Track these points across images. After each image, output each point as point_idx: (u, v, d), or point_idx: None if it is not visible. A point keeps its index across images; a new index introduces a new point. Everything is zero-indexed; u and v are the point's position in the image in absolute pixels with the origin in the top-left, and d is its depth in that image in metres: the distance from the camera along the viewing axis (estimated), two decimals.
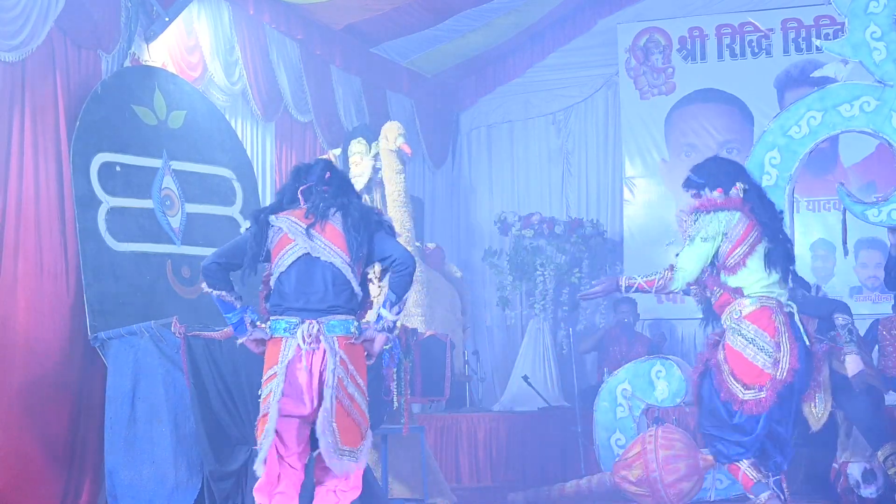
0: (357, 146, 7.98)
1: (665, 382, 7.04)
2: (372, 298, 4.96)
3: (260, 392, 4.79)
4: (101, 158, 6.52)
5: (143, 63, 6.95)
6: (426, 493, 6.70)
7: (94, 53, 6.61)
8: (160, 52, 7.07)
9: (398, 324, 5.20)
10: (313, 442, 4.81)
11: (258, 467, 4.74)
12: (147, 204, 6.81)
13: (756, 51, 10.06)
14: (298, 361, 4.74)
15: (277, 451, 4.78)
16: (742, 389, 5.27)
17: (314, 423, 4.75)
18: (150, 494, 5.96)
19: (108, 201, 6.50)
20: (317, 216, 4.81)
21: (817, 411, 6.28)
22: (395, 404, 6.44)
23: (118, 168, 6.63)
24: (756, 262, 5.34)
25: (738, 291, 5.30)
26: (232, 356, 6.01)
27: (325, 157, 7.87)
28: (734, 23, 10.12)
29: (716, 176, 5.46)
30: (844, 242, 7.29)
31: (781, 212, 5.67)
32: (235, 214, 7.47)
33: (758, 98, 9.94)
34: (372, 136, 8.05)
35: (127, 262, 6.55)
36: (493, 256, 10.26)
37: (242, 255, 4.92)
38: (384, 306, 4.80)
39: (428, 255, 8.77)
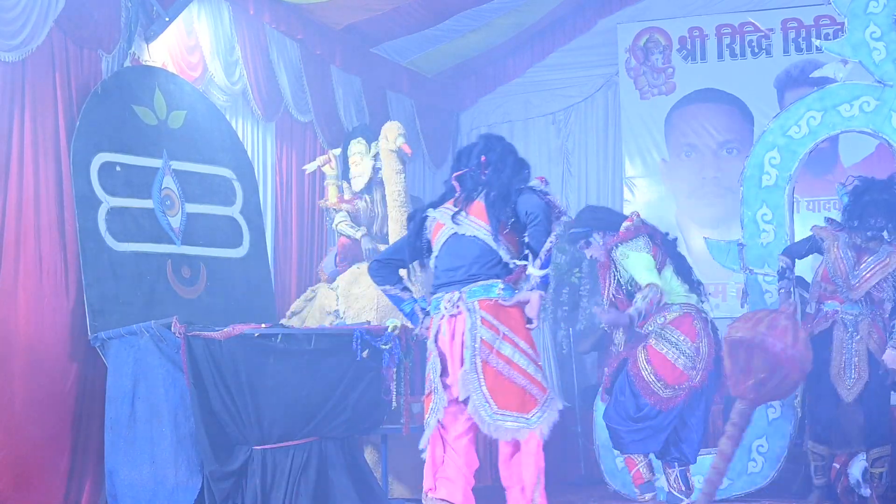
0: (357, 146, 7.98)
1: None
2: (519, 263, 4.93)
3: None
4: (101, 158, 6.52)
5: (144, 63, 6.95)
6: None
7: (94, 53, 6.61)
8: (160, 52, 7.08)
9: (550, 285, 5.18)
10: None
11: (423, 445, 4.84)
12: (147, 204, 6.81)
13: (756, 51, 10.06)
14: (441, 333, 4.84)
15: (441, 435, 4.82)
16: (662, 388, 5.82)
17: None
18: (150, 494, 5.96)
19: (108, 201, 6.50)
20: (464, 200, 4.96)
21: (849, 383, 6.35)
22: (395, 404, 6.45)
23: (118, 168, 6.63)
24: (670, 274, 5.98)
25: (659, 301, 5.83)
26: (232, 356, 6.02)
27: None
28: (734, 23, 10.12)
29: (597, 220, 6.15)
30: None
31: (668, 233, 6.24)
32: (235, 214, 7.47)
33: (758, 98, 9.93)
34: (372, 135, 8.05)
35: (127, 262, 6.55)
36: None
37: (403, 251, 5.12)
38: (529, 263, 4.82)
39: None
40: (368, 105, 9.37)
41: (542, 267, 4.77)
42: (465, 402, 4.80)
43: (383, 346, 6.43)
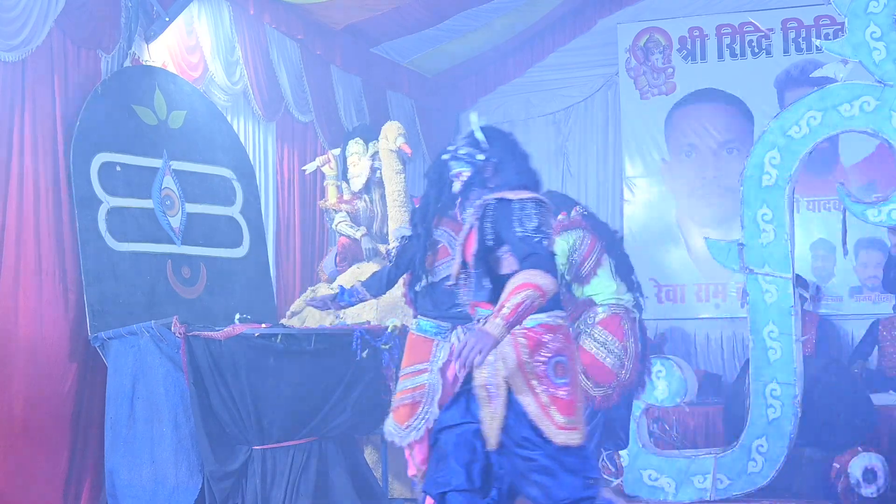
0: (354, 146, 7.98)
1: (665, 382, 7.02)
2: None
3: (397, 384, 5.05)
4: (101, 158, 6.52)
5: (144, 63, 6.95)
6: None
7: (94, 53, 6.61)
8: (160, 52, 7.08)
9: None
10: None
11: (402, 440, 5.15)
12: (147, 204, 6.81)
13: (756, 51, 10.05)
14: (449, 363, 5.09)
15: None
16: (593, 387, 5.99)
17: None
18: (150, 494, 5.96)
19: (108, 201, 6.50)
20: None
21: None
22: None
23: (118, 168, 6.63)
24: (605, 273, 6.12)
25: (589, 301, 6.07)
26: (232, 356, 6.02)
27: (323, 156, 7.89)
28: (734, 23, 10.11)
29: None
30: (844, 242, 7.29)
31: (617, 231, 6.49)
32: (235, 214, 7.47)
33: (758, 98, 9.93)
34: (370, 135, 8.05)
35: (127, 262, 6.55)
36: None
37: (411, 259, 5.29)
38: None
39: None
40: (368, 105, 9.37)
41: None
42: None
43: (383, 346, 6.43)
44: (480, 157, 4.19)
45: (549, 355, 3.97)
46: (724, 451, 6.85)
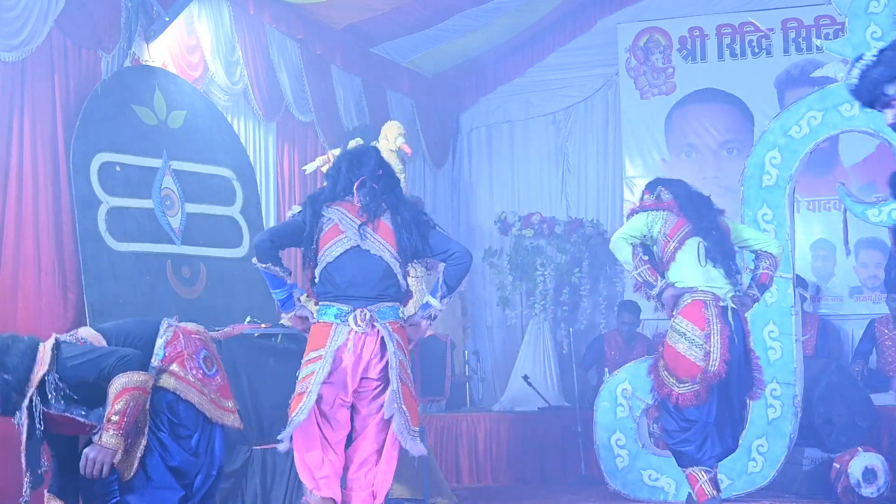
0: (354, 146, 7.98)
1: None
2: (411, 290, 5.12)
3: (298, 373, 4.89)
4: (101, 158, 6.52)
5: (144, 63, 6.94)
6: (426, 493, 6.70)
7: (94, 53, 6.61)
8: (160, 52, 7.07)
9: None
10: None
11: (284, 443, 4.90)
12: (147, 204, 6.81)
13: (756, 51, 10.06)
14: (345, 347, 4.84)
15: (324, 435, 4.91)
16: (676, 384, 5.58)
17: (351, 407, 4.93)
18: None
19: (108, 201, 6.50)
20: (370, 215, 4.92)
21: None
22: None
23: (118, 168, 6.63)
24: (686, 258, 5.69)
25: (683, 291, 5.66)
26: (232, 356, 6.01)
27: (323, 156, 7.88)
28: (734, 23, 10.12)
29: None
30: (845, 242, 7.31)
31: (717, 210, 5.96)
32: (235, 214, 7.47)
33: (758, 98, 9.93)
34: (370, 135, 8.05)
35: (127, 262, 6.55)
36: (493, 256, 10.25)
37: (296, 236, 5.03)
38: (433, 295, 4.99)
39: None
40: (368, 105, 9.37)
41: (445, 302, 5.00)
42: (377, 417, 4.92)
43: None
44: None
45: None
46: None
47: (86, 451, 4.23)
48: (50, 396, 4.22)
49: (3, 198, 5.93)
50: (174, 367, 4.48)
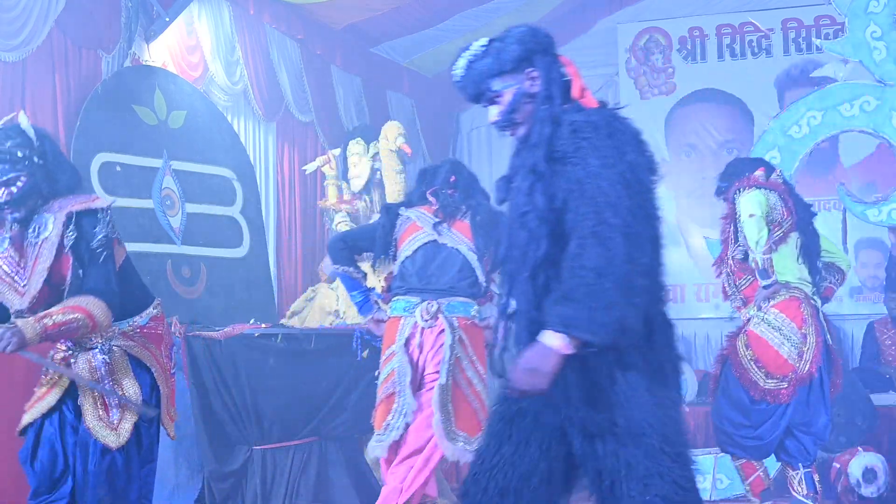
0: (355, 146, 7.98)
1: None
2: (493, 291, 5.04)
3: (377, 373, 4.88)
4: (101, 158, 6.52)
5: (144, 63, 6.95)
6: None
7: (94, 53, 6.61)
8: (161, 52, 7.07)
9: None
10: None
11: (382, 449, 4.87)
12: (147, 204, 6.81)
13: (756, 51, 10.06)
14: (413, 340, 4.85)
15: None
16: (764, 377, 5.29)
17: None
18: None
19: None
20: (446, 215, 4.99)
21: None
22: None
23: (118, 168, 6.63)
24: (787, 252, 5.36)
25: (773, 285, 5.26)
26: (232, 356, 6.02)
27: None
28: (734, 23, 10.12)
29: (738, 172, 5.53)
30: (844, 242, 7.30)
31: (811, 205, 5.67)
32: (235, 214, 7.47)
33: (758, 98, 9.93)
34: (370, 136, 8.05)
35: None
36: None
37: (369, 240, 5.08)
38: None
39: None
40: (368, 105, 9.37)
41: None
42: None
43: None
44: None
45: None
46: (724, 452, 6.84)
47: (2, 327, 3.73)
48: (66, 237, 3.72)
49: None
50: (156, 349, 4.05)
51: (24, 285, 3.82)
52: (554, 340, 2.61)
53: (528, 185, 2.79)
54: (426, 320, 4.84)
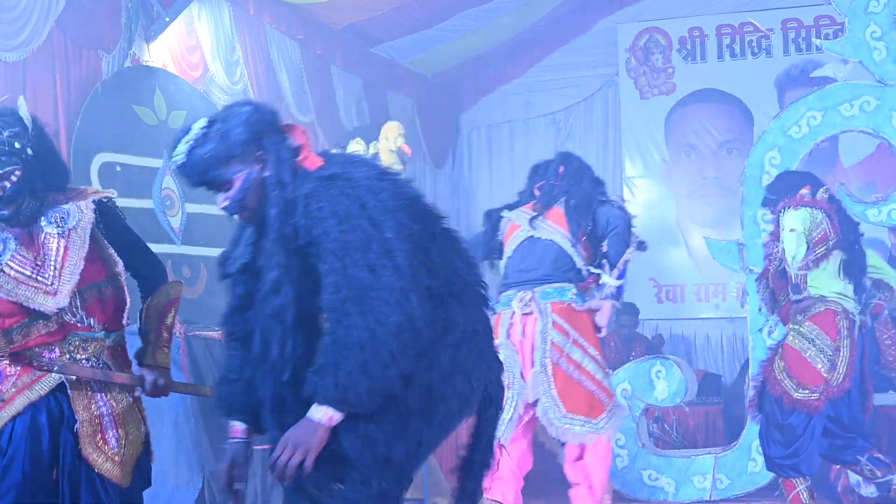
0: (355, 147, 7.99)
1: (665, 382, 7.03)
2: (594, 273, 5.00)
3: None
4: (101, 158, 6.52)
5: (144, 63, 6.95)
6: (426, 493, 6.70)
7: (95, 53, 6.61)
8: (161, 53, 7.08)
9: (622, 296, 5.14)
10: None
11: (504, 440, 4.81)
12: (147, 204, 6.81)
13: (756, 51, 10.06)
14: (514, 330, 4.89)
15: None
16: (794, 387, 5.29)
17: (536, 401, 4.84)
18: (150, 494, 5.93)
19: None
20: (543, 206, 5.04)
21: None
22: None
23: (118, 168, 6.64)
24: (829, 269, 5.37)
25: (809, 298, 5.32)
26: None
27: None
28: (734, 23, 10.12)
29: (786, 187, 5.60)
30: None
31: (859, 224, 5.70)
32: None
33: (758, 98, 9.94)
34: (370, 136, 8.06)
35: None
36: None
37: (478, 248, 5.15)
38: (604, 272, 4.90)
39: None
40: (369, 105, 9.37)
41: (619, 277, 4.89)
42: (532, 403, 4.89)
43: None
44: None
45: None
46: (724, 451, 6.85)
47: (145, 374, 3.67)
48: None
49: None
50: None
51: (52, 283, 3.50)
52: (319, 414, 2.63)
53: (275, 279, 2.68)
54: (519, 307, 4.91)
